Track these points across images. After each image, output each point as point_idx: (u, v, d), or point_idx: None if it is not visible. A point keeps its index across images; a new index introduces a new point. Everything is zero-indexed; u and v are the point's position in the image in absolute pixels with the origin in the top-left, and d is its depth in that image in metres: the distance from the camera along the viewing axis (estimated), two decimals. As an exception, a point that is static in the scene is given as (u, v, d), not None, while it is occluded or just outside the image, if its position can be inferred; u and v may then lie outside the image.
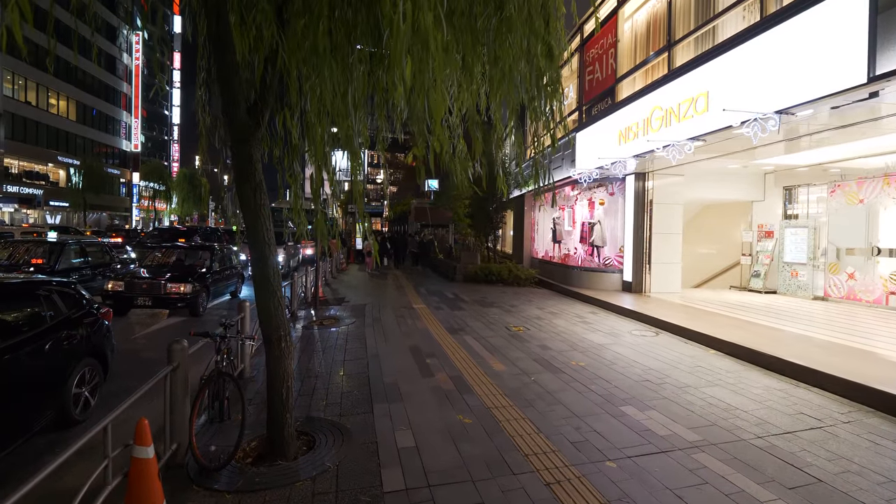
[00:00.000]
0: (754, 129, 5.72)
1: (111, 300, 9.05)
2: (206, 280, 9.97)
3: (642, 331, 8.07)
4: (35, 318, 4.35)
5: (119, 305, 9.09)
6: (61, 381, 4.30)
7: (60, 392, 4.28)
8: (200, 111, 4.67)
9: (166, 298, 9.11)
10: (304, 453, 3.77)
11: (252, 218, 3.56)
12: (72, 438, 3.97)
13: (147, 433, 2.73)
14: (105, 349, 5.15)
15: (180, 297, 9.15)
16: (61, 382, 4.30)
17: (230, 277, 11.69)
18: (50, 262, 9.59)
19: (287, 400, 3.69)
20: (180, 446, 3.56)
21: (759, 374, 5.79)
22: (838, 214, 10.50)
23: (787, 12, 5.68)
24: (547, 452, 3.77)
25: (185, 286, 9.23)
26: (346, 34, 2.29)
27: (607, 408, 4.70)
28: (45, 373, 4.18)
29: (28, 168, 36.01)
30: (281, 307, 3.66)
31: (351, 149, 2.57)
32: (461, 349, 6.83)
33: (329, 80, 2.36)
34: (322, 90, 2.41)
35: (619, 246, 11.98)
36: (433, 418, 4.43)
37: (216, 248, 11.46)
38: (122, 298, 9.07)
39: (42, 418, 4.02)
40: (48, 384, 4.16)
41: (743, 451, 3.82)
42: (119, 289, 9.10)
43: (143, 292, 9.12)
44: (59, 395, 4.25)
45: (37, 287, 4.68)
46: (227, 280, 11.46)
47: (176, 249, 11.67)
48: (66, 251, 10.01)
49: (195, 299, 9.34)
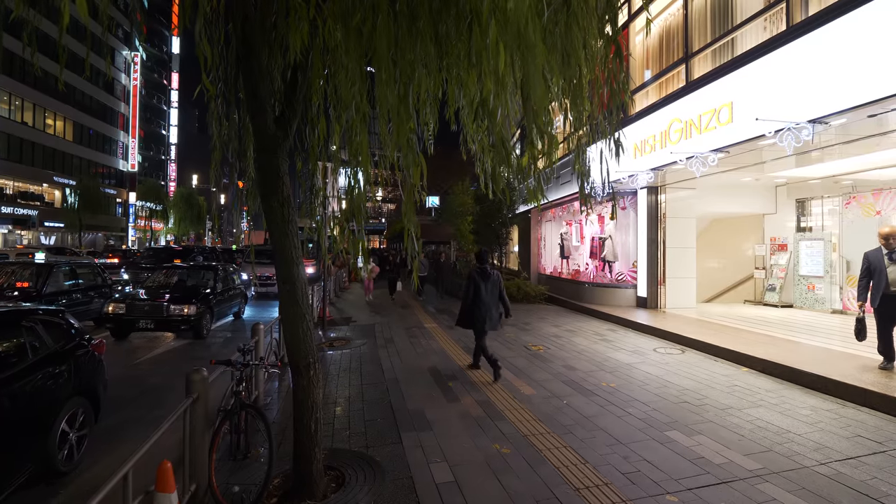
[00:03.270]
0: (788, 140, 5.55)
1: (111, 323, 8.67)
2: (209, 301, 9.57)
3: (667, 348, 7.79)
4: (16, 354, 3.74)
5: (119, 328, 8.74)
6: (44, 428, 3.68)
7: (43, 440, 3.64)
8: (215, 123, 4.44)
9: (169, 321, 8.67)
10: (335, 491, 3.45)
11: (279, 234, 3.30)
12: (51, 496, 3.52)
13: (170, 478, 2.43)
14: (96, 386, 4.52)
15: (183, 320, 8.70)
16: (44, 429, 3.67)
17: (233, 298, 11.22)
18: (37, 286, 8.74)
19: (316, 433, 3.38)
20: (199, 487, 3.23)
21: (800, 393, 5.50)
22: (854, 226, 10.34)
23: (820, 19, 5.56)
24: (599, 486, 3.46)
25: (189, 308, 8.80)
26: (408, 28, 2.06)
27: (651, 433, 4.39)
28: (25, 419, 3.55)
29: (23, 189, 35.64)
30: (310, 332, 3.38)
31: (412, 156, 2.31)
32: (483, 371, 6.52)
33: (387, 81, 2.12)
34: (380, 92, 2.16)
35: (632, 261, 11.75)
36: (468, 448, 4.11)
37: (219, 268, 11.07)
38: (122, 321, 8.64)
39: (19, 473, 3.37)
40: (28, 432, 3.53)
41: (810, 479, 3.52)
42: (120, 311, 8.66)
43: (144, 314, 8.68)
44: (41, 444, 3.61)
45: (19, 317, 4.05)
46: (231, 301, 11.03)
47: (177, 270, 11.19)
48: (54, 274, 9.14)
49: (199, 321, 8.91)
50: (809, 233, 11.33)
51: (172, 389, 5.72)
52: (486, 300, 6.24)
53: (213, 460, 3.29)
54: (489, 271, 6.35)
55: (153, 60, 55.88)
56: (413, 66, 2.16)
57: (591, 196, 3.99)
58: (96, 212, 37.43)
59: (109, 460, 4.06)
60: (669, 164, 8.34)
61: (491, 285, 6.29)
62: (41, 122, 36.53)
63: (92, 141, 43.15)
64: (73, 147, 40.46)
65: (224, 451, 3.84)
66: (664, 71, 9.61)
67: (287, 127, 3.33)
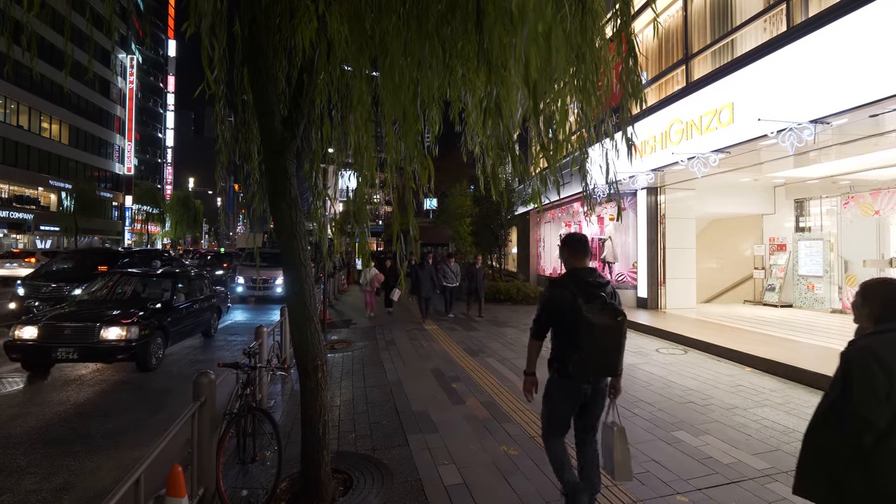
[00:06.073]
0: (790, 139, 5.57)
1: (18, 353, 6.30)
2: (161, 319, 7.22)
3: (669, 349, 7.79)
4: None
5: (35, 360, 6.46)
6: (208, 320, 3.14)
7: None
8: (219, 126, 4.42)
9: (97, 348, 6.34)
10: (343, 494, 3.42)
11: (287, 238, 3.28)
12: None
13: (181, 482, 2.40)
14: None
15: (120, 346, 6.37)
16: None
17: (201, 312, 8.71)
18: None
19: (324, 436, 3.35)
20: (207, 491, 3.19)
21: (804, 392, 5.51)
22: (852, 226, 10.41)
23: (821, 19, 5.59)
24: (609, 486, 3.45)
25: (126, 330, 6.44)
26: (417, 30, 2.05)
27: (658, 433, 4.39)
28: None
29: (19, 192, 35.47)
30: (318, 334, 3.35)
31: (420, 158, 2.30)
32: (486, 372, 6.50)
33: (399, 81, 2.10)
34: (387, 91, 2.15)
35: (631, 262, 11.78)
36: (475, 450, 4.09)
37: (179, 276, 8.57)
38: (37, 350, 6.29)
39: None
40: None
41: (819, 480, 3.51)
42: (31, 337, 6.28)
43: (66, 341, 6.31)
44: None
45: None
46: (197, 316, 8.55)
47: (122, 278, 8.50)
48: None
49: (143, 347, 6.58)
50: (808, 233, 11.38)
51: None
52: None
53: (220, 464, 3.26)
54: None
55: (149, 63, 55.76)
56: (421, 65, 2.15)
57: (591, 197, 3.99)
58: (92, 215, 37.28)
59: (110, 465, 4.02)
60: (670, 164, 8.37)
61: None
62: (37, 125, 36.38)
63: (88, 144, 42.99)
64: (69, 150, 40.31)
65: (231, 455, 3.81)
66: (664, 72, 9.66)
67: (295, 128, 3.32)
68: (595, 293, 2.74)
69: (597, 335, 2.62)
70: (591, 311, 2.65)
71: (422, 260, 11.60)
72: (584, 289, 2.76)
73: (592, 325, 2.60)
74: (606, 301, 2.73)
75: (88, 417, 5.11)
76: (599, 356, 2.66)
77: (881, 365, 1.82)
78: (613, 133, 3.34)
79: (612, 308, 2.71)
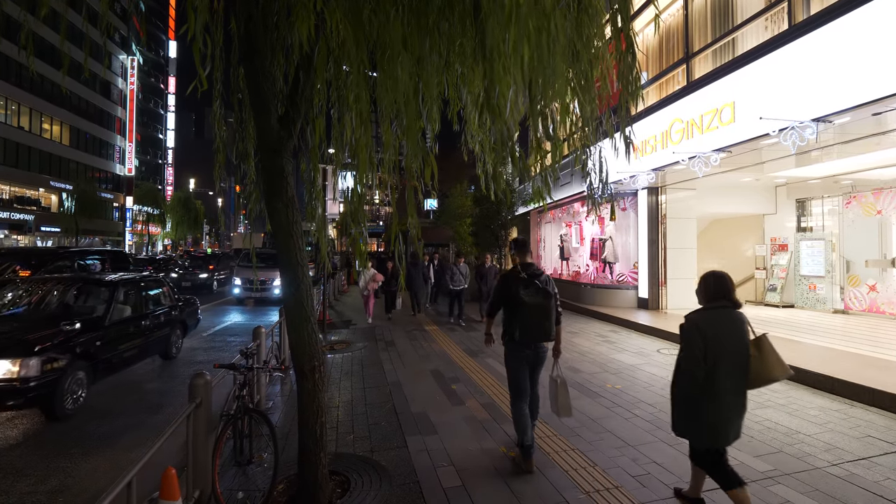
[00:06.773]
0: (792, 138, 5.53)
1: None
2: (87, 343, 5.35)
3: (670, 349, 7.75)
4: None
5: None
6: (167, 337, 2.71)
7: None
8: (217, 125, 4.38)
9: None
10: (340, 496, 3.39)
11: (284, 237, 3.24)
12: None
13: (175, 485, 2.36)
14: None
15: (8, 389, 4.49)
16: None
17: (154, 329, 6.85)
18: None
19: (321, 438, 3.31)
20: (202, 493, 3.16)
21: (807, 393, 5.47)
22: (855, 226, 10.35)
23: (822, 17, 5.55)
24: (610, 489, 3.41)
25: (18, 364, 4.55)
26: (416, 25, 2.01)
27: (659, 435, 4.35)
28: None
29: (19, 193, 35.47)
30: (315, 334, 3.31)
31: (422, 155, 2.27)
32: (486, 373, 6.46)
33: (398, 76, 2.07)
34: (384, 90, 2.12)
35: (632, 262, 11.73)
36: (474, 452, 4.05)
37: (121, 283, 6.54)
38: None
39: None
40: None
41: (822, 481, 3.48)
42: None
43: None
44: None
45: None
46: (147, 335, 6.67)
47: (45, 286, 6.47)
48: None
49: (49, 389, 4.73)
50: (810, 233, 11.33)
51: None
52: None
53: (216, 466, 3.23)
54: None
55: (150, 64, 55.78)
56: (421, 61, 2.12)
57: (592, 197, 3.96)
58: (93, 216, 37.24)
59: (106, 467, 3.99)
60: (671, 164, 8.32)
61: None
62: (38, 126, 36.39)
63: (89, 145, 43.01)
64: (70, 151, 40.31)
65: (227, 457, 3.77)
66: (665, 71, 9.61)
67: (291, 126, 3.28)
68: (531, 281, 3.74)
69: (531, 311, 3.66)
70: (527, 294, 3.67)
71: (414, 258, 12.02)
72: (523, 278, 3.75)
73: (527, 304, 3.65)
74: (539, 287, 3.72)
75: (85, 419, 5.08)
76: (535, 326, 3.69)
77: (701, 334, 2.80)
78: (613, 132, 3.31)
79: (544, 291, 3.72)
